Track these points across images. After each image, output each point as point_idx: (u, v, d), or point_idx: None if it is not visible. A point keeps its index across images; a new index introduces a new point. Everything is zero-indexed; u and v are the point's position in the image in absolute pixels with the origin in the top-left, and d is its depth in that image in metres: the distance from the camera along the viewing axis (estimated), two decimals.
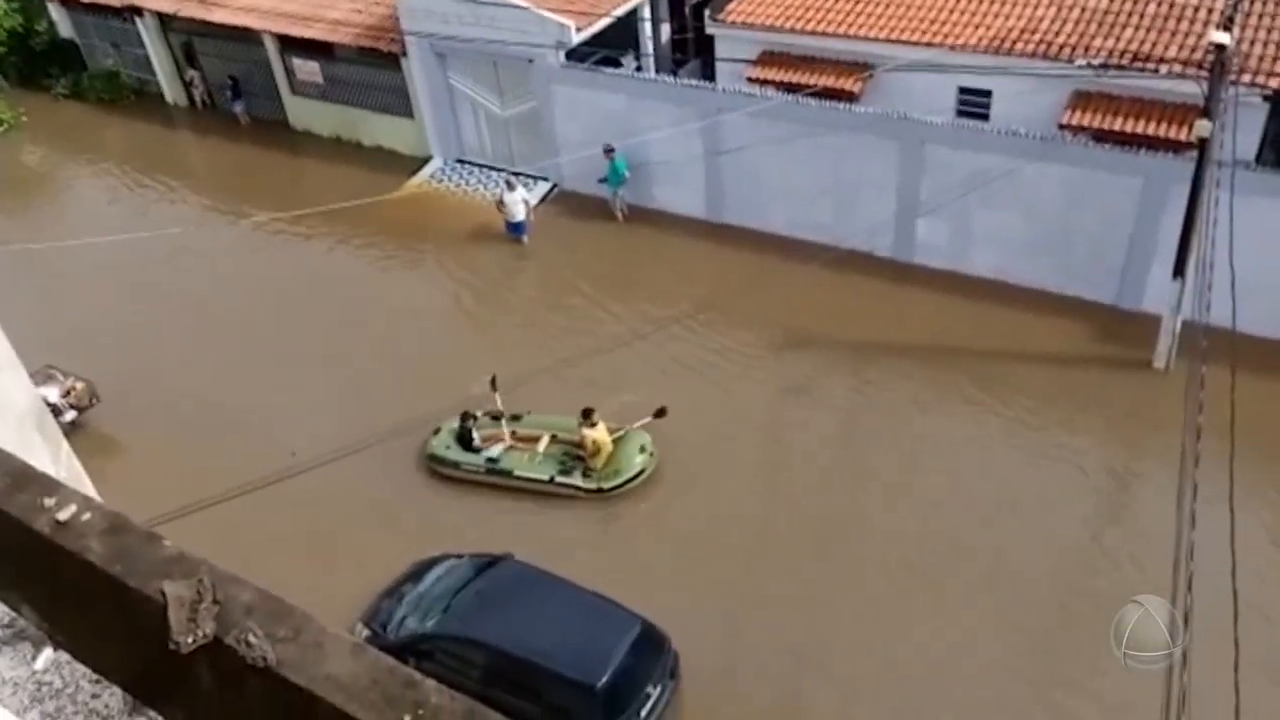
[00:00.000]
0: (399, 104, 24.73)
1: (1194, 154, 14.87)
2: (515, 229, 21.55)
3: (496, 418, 16.07)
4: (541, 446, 15.71)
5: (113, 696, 2.83)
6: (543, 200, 22.87)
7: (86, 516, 2.88)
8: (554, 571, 13.03)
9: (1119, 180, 16.97)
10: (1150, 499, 14.31)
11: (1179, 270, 15.55)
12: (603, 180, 21.52)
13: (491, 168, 24.14)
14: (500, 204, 21.53)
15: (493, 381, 16.12)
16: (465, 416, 15.88)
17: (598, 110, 21.54)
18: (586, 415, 15.23)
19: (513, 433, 15.98)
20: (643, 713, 11.85)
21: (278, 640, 2.48)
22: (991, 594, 13.44)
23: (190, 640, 2.54)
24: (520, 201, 21.35)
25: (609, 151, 21.07)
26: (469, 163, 24.59)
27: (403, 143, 25.22)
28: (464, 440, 15.83)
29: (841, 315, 18.50)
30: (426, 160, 24.80)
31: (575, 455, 15.53)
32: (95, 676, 2.89)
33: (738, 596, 13.74)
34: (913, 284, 19.15)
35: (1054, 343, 17.46)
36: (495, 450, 15.70)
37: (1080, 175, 17.25)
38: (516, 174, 22.12)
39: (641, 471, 15.36)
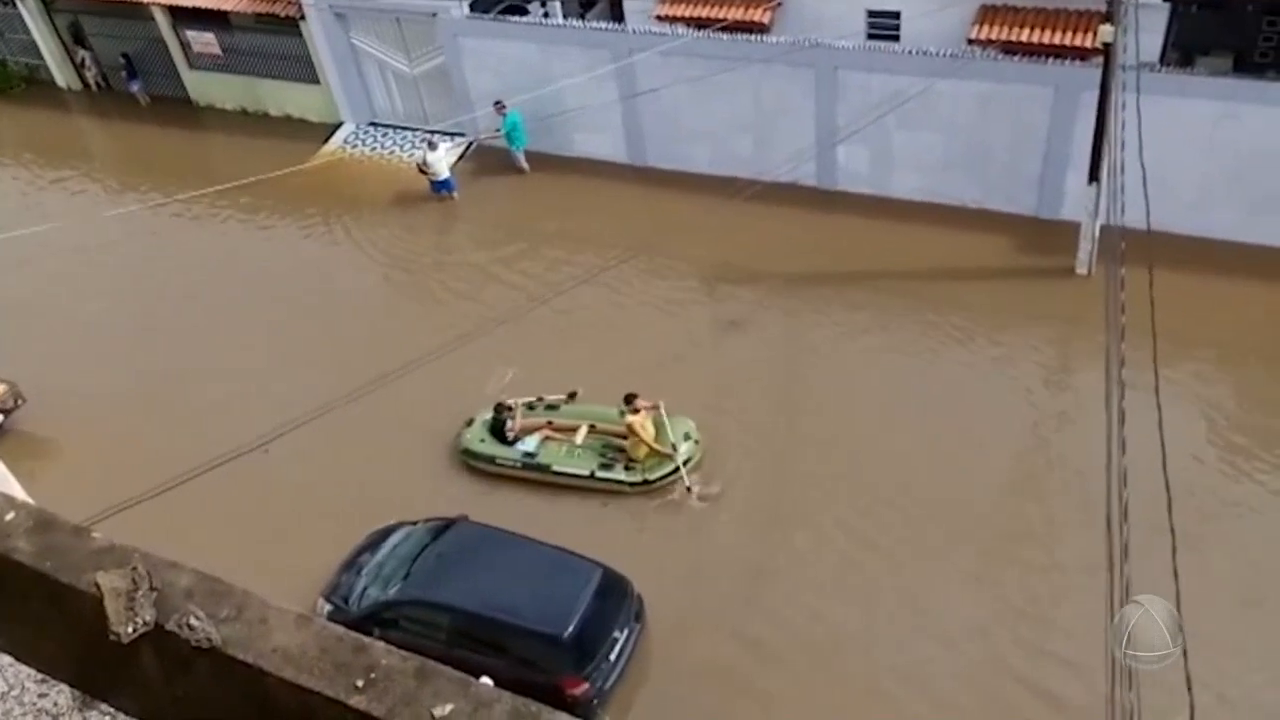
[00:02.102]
0: (303, 70, 24.03)
1: (1100, 60, 15.09)
2: (441, 187, 21.22)
3: (532, 407, 15.38)
4: (579, 437, 14.91)
5: (60, 694, 2.79)
6: (461, 157, 22.51)
7: (10, 516, 2.81)
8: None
9: (1030, 91, 17.20)
10: (1083, 400, 14.74)
11: (1093, 175, 15.86)
12: (496, 133, 21.37)
13: (406, 128, 23.67)
14: (423, 166, 21.14)
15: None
16: (500, 407, 15.17)
17: (508, 61, 21.17)
18: (629, 402, 14.35)
19: (549, 422, 15.22)
20: (611, 657, 12.01)
21: (221, 620, 2.47)
22: (942, 506, 13.77)
23: (130, 630, 2.50)
24: (444, 159, 21.02)
25: (499, 106, 20.85)
26: (382, 125, 24.07)
27: (312, 110, 24.56)
28: (498, 432, 15.11)
29: (772, 247, 18.61)
30: (338, 126, 24.22)
31: (616, 446, 14.73)
32: (41, 676, 2.84)
33: (695, 531, 13.94)
34: (839, 211, 19.31)
35: (981, 257, 17.77)
36: (531, 443, 14.90)
37: (992, 90, 17.45)
38: (432, 132, 21.71)
39: (688, 460, 14.43)
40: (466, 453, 15.20)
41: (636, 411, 14.31)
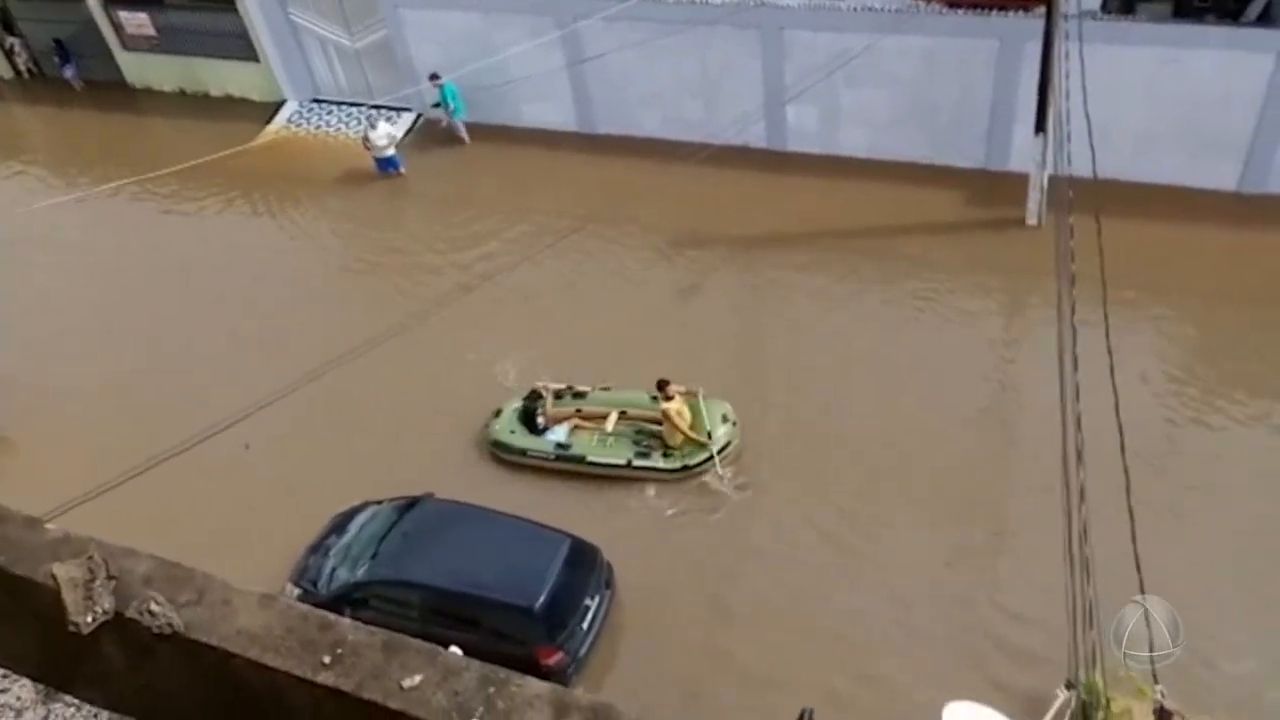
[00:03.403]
0: (242, 48, 23.50)
1: (1043, 10, 15.17)
2: (386, 165, 20.93)
3: (560, 395, 15.02)
4: (610, 425, 14.54)
5: (23, 688, 2.75)
6: (409, 132, 22.21)
7: None
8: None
9: (975, 44, 17.27)
10: (1037, 348, 14.94)
11: (1040, 126, 15.99)
12: (436, 105, 21.14)
13: (351, 104, 23.28)
14: (366, 142, 20.85)
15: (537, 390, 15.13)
16: (531, 395, 14.80)
17: (452, 31, 20.86)
18: (661, 388, 13.93)
19: (578, 411, 14.83)
20: (584, 625, 12.08)
21: (182, 605, 2.44)
22: (907, 458, 13.95)
23: (90, 619, 2.47)
24: (386, 136, 20.72)
25: (435, 79, 20.60)
26: (326, 102, 23.67)
27: (253, 89, 24.06)
28: (528, 421, 14.71)
29: (725, 210, 18.62)
30: (281, 104, 23.76)
31: (649, 433, 14.38)
32: (1, 670, 2.80)
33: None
34: (790, 171, 19.34)
35: (932, 212, 17.90)
36: (561, 432, 14.54)
37: (938, 44, 17.50)
38: (377, 107, 21.38)
39: (728, 444, 14.08)
40: (496, 445, 14.71)
41: (670, 398, 13.89)
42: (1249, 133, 16.44)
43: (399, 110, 22.30)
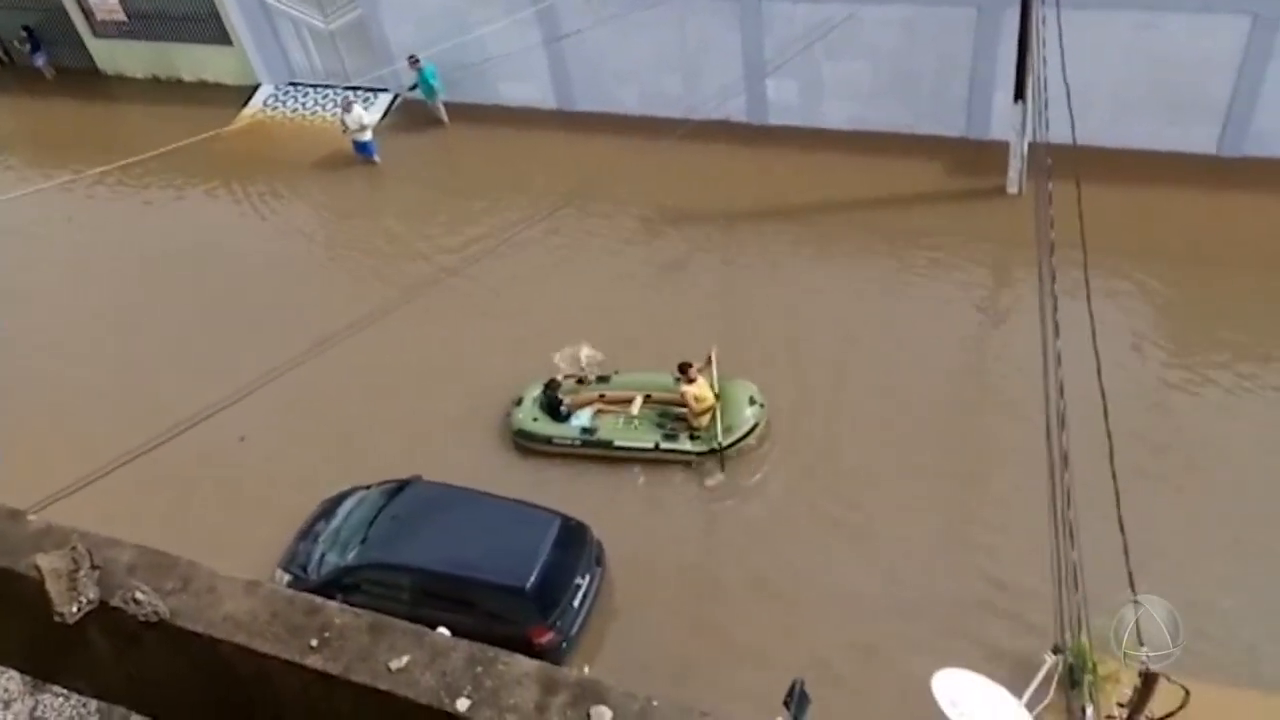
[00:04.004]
0: (214, 31, 23.21)
1: None
2: (363, 149, 20.75)
3: (581, 381, 14.88)
4: (635, 408, 14.38)
5: (10, 680, 2.75)
6: (386, 113, 22.02)
7: None
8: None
9: (954, 13, 17.21)
10: (1020, 316, 15.01)
11: (1019, 94, 15.98)
12: (413, 88, 20.99)
13: (327, 86, 23.06)
14: (343, 126, 20.66)
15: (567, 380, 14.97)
16: (551, 383, 14.59)
17: (427, 9, 20.65)
18: (684, 371, 13.81)
19: (600, 395, 14.67)
20: (575, 604, 12.13)
21: (167, 593, 2.44)
22: (894, 428, 14.02)
23: (75, 609, 2.47)
24: (361, 120, 20.51)
25: (414, 61, 20.42)
26: (302, 85, 23.42)
27: (227, 73, 23.79)
28: (551, 409, 14.50)
29: (708, 186, 18.56)
30: (256, 88, 23.51)
31: (674, 415, 14.22)
32: None
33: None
34: (772, 144, 19.27)
35: (915, 182, 17.88)
36: (585, 417, 14.38)
37: (917, 13, 17.43)
38: (354, 89, 21.16)
39: (755, 425, 13.96)
40: (520, 433, 14.53)
41: (691, 381, 13.80)
42: (1226, 96, 16.47)
43: (375, 92, 22.10)
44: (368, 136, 20.64)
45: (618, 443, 14.12)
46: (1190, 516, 12.38)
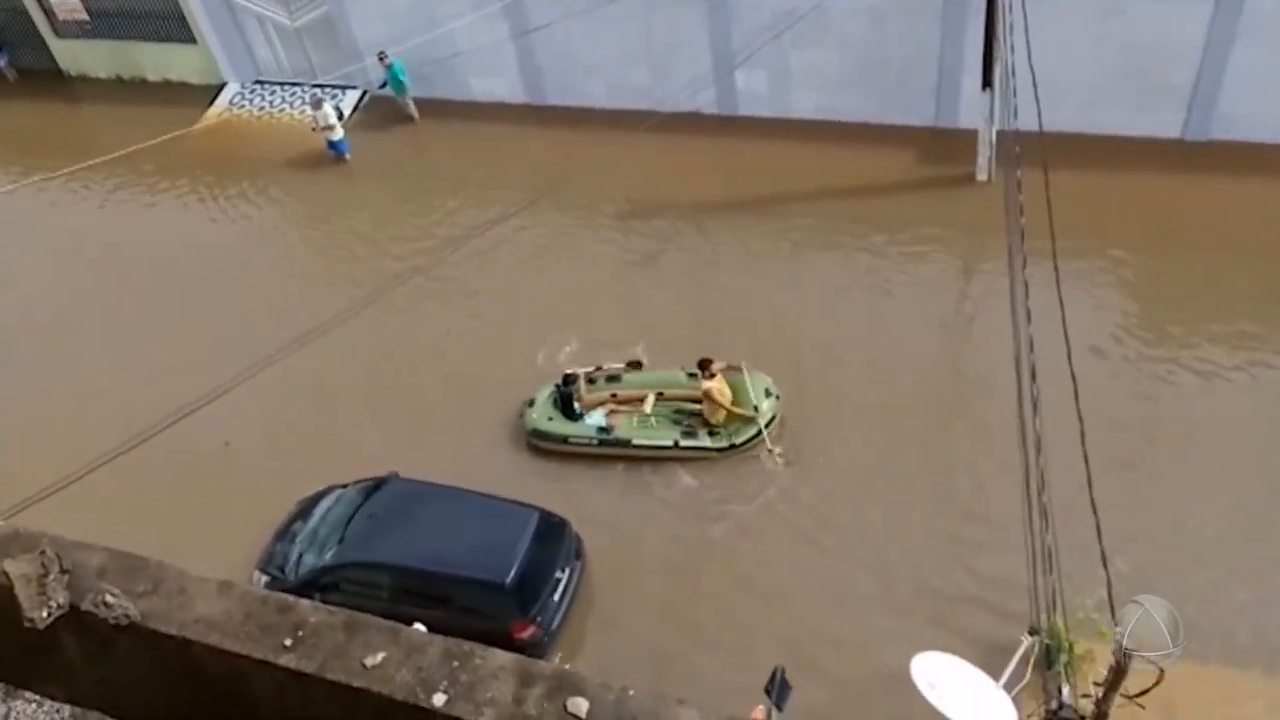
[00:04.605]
0: (178, 30, 22.93)
1: None
2: (334, 147, 20.59)
3: (592, 379, 14.72)
4: (648, 406, 14.26)
5: None
6: (355, 110, 21.86)
7: None
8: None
9: (921, 1, 17.27)
10: (993, 302, 15.10)
11: (987, 81, 16.08)
12: (383, 86, 20.89)
13: (295, 84, 22.85)
14: (315, 124, 20.48)
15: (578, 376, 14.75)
16: (566, 380, 14.45)
17: (394, 4, 20.51)
18: (704, 367, 13.76)
19: (612, 395, 14.53)
20: (555, 598, 12.13)
21: (138, 596, 2.42)
22: (869, 416, 14.09)
23: (45, 614, 2.44)
24: (330, 117, 20.34)
25: (383, 58, 20.31)
26: (269, 83, 23.19)
27: (193, 72, 23.52)
28: (565, 408, 14.35)
29: (680, 178, 18.56)
30: (222, 87, 23.27)
31: (689, 412, 14.16)
32: None
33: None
34: (743, 135, 19.30)
35: (885, 171, 17.96)
36: (598, 416, 14.25)
37: (884, 2, 17.48)
38: (322, 86, 20.98)
39: (773, 418, 13.94)
40: (535, 434, 14.35)
41: (712, 377, 13.73)
42: (1191, 81, 16.66)
43: (344, 89, 21.92)
44: (339, 134, 20.47)
45: (636, 441, 13.97)
46: (1167, 497, 12.53)
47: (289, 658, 2.10)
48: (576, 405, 14.30)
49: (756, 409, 13.80)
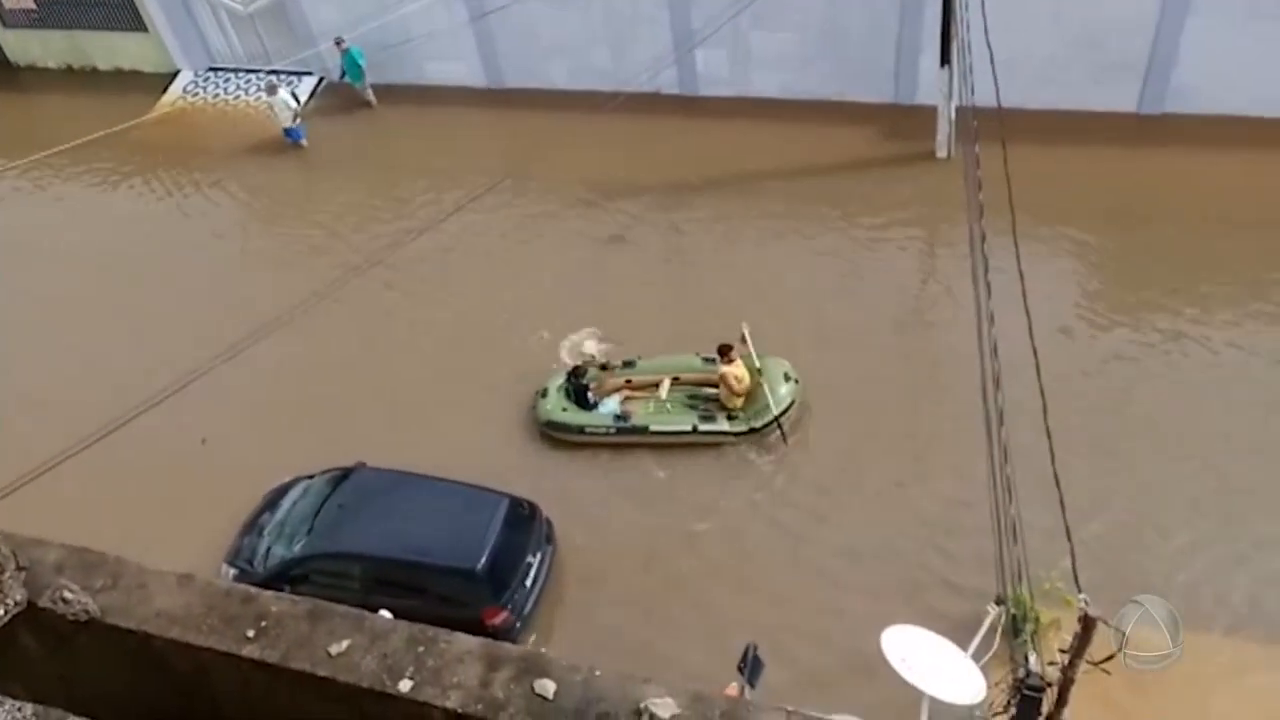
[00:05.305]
0: (128, 17, 22.52)
1: None
2: (290, 133, 20.32)
3: (605, 367, 14.59)
4: (663, 392, 14.18)
5: None
6: (311, 96, 21.58)
7: None
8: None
9: None
10: (954, 277, 15.25)
11: (945, 58, 16.16)
12: (343, 76, 20.66)
13: (249, 70, 22.50)
14: (272, 110, 20.20)
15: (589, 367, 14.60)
16: (577, 371, 14.25)
17: None
18: (723, 353, 13.66)
19: (627, 381, 14.42)
20: (527, 583, 12.13)
21: (97, 591, 2.39)
22: (835, 396, 14.18)
23: (2, 612, 2.40)
24: (285, 104, 20.06)
25: (339, 43, 20.08)
26: (223, 69, 22.83)
27: (145, 60, 23.10)
28: (578, 398, 14.18)
29: (643, 159, 18.53)
30: (175, 75, 22.87)
31: (705, 396, 14.07)
32: None
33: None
34: (705, 115, 19.29)
35: (847, 149, 18.03)
36: (613, 403, 14.11)
37: None
38: (276, 73, 20.67)
39: (792, 403, 13.78)
40: (550, 425, 14.16)
41: (731, 362, 13.64)
42: (1145, 54, 16.83)
43: (300, 75, 21.63)
44: (296, 122, 20.21)
45: (654, 428, 13.84)
46: (1129, 467, 12.73)
47: (252, 649, 2.08)
48: (590, 395, 14.17)
49: (771, 392, 13.67)
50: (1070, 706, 7.44)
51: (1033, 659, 7.97)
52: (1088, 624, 6.82)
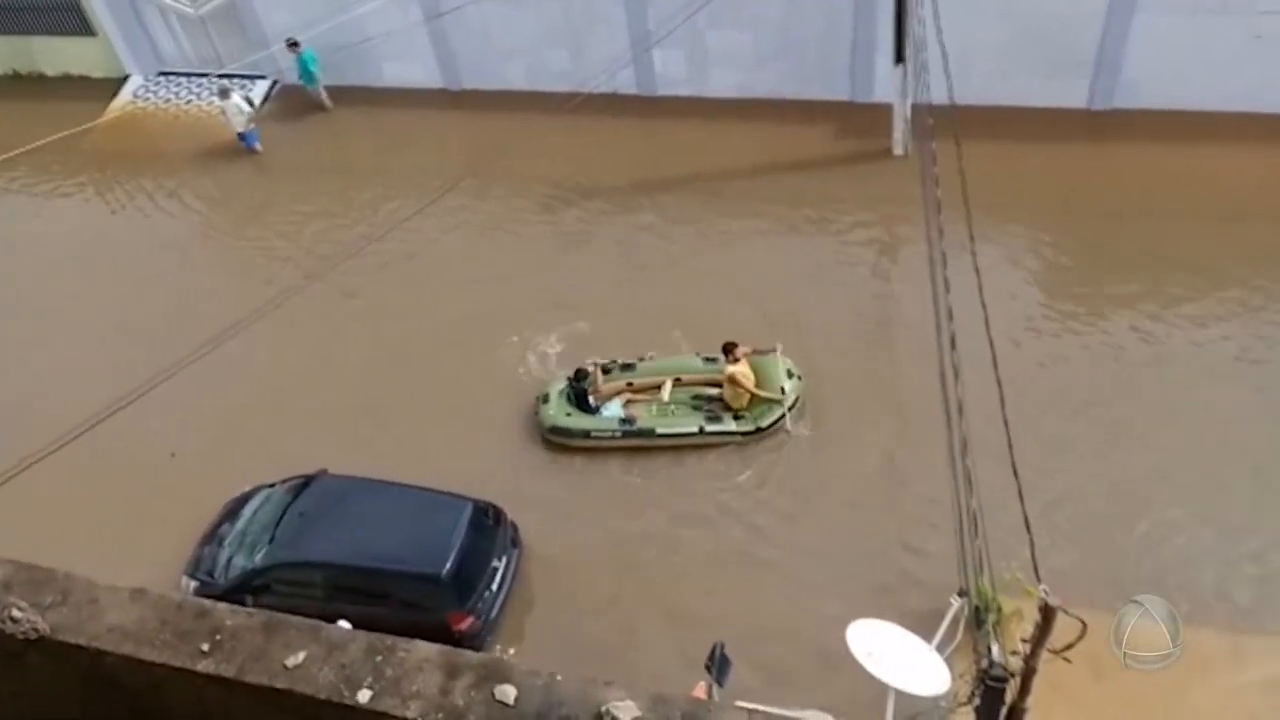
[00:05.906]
0: (75, 22, 22.11)
1: None
2: (243, 138, 20.05)
3: (607, 370, 14.45)
4: (665, 394, 14.11)
5: None
6: (265, 99, 21.33)
7: None
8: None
9: None
10: (913, 275, 15.36)
11: (899, 56, 16.30)
12: (302, 78, 20.43)
13: (201, 74, 22.17)
14: (224, 115, 19.92)
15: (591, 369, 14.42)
16: (579, 375, 14.11)
17: None
18: (728, 351, 13.57)
19: (629, 384, 14.36)
20: (493, 587, 12.07)
21: (46, 608, 2.33)
22: (806, 390, 14.22)
23: None
24: (239, 108, 19.78)
25: (293, 45, 19.87)
26: (174, 74, 22.49)
27: (93, 65, 22.70)
28: (580, 402, 14.07)
29: (601, 160, 18.51)
30: (125, 80, 22.51)
31: (707, 397, 14.01)
32: None
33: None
34: (662, 116, 19.31)
35: (805, 148, 18.12)
36: (616, 407, 14.03)
37: None
38: (229, 76, 20.40)
39: (796, 401, 13.78)
40: (554, 430, 13.98)
41: (737, 361, 13.57)
42: (1095, 49, 17.09)
43: (253, 78, 21.36)
44: (250, 127, 19.95)
45: (660, 430, 13.70)
46: (1092, 458, 12.91)
47: (207, 663, 2.05)
48: (592, 398, 14.06)
49: (783, 390, 13.64)
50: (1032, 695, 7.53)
51: (995, 650, 8.06)
52: (1048, 613, 6.90)
